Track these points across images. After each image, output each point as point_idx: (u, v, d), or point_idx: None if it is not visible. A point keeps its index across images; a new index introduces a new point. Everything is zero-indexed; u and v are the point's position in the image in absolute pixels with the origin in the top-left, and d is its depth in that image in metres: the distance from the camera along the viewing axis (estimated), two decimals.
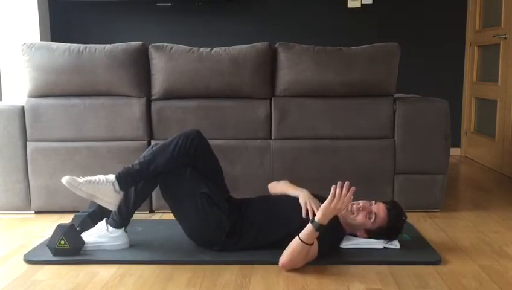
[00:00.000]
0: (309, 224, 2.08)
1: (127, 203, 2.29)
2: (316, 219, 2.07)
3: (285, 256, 2.11)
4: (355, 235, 2.36)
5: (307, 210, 2.26)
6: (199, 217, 2.28)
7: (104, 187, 2.23)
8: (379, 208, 2.29)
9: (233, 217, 2.31)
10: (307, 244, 2.07)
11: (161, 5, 4.80)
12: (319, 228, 2.06)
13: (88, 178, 2.24)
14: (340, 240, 2.36)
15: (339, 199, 2.05)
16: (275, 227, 2.30)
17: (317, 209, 2.25)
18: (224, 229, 2.28)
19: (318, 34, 4.79)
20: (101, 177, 2.26)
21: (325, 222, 2.07)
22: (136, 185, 2.29)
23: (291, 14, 4.81)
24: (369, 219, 2.28)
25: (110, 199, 2.25)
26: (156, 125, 2.95)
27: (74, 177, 2.22)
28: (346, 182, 2.08)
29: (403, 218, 2.31)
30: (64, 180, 2.20)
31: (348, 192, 2.07)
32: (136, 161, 2.30)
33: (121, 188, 2.26)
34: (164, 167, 2.28)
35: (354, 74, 2.87)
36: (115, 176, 2.26)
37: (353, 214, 2.29)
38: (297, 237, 2.09)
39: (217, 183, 2.40)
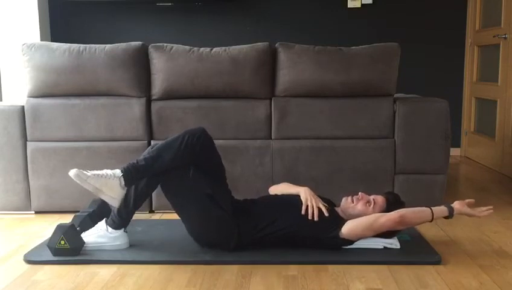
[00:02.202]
0: (444, 207, 2.28)
1: (127, 205, 2.28)
2: (454, 206, 2.29)
3: (409, 212, 2.24)
4: None
5: (307, 207, 2.30)
6: (203, 217, 2.28)
7: (111, 181, 2.21)
8: (377, 197, 2.39)
9: (236, 217, 2.31)
10: (431, 217, 2.24)
11: (161, 5, 4.80)
12: (450, 214, 2.27)
13: (96, 172, 2.22)
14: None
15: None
16: (278, 223, 2.30)
17: (316, 206, 2.29)
18: (228, 229, 2.28)
19: (318, 34, 4.79)
20: (108, 171, 2.23)
21: (456, 213, 2.28)
22: (139, 183, 2.28)
23: (291, 14, 4.81)
24: (369, 205, 2.34)
25: (115, 194, 2.23)
26: (156, 125, 2.95)
27: (82, 170, 2.20)
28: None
29: (402, 203, 2.37)
30: (72, 173, 2.17)
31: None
32: (141, 157, 2.28)
33: (125, 183, 2.24)
34: (170, 163, 2.26)
35: (354, 74, 2.87)
36: (121, 170, 2.24)
37: (353, 203, 2.36)
38: (429, 208, 2.25)
39: (220, 183, 2.40)
